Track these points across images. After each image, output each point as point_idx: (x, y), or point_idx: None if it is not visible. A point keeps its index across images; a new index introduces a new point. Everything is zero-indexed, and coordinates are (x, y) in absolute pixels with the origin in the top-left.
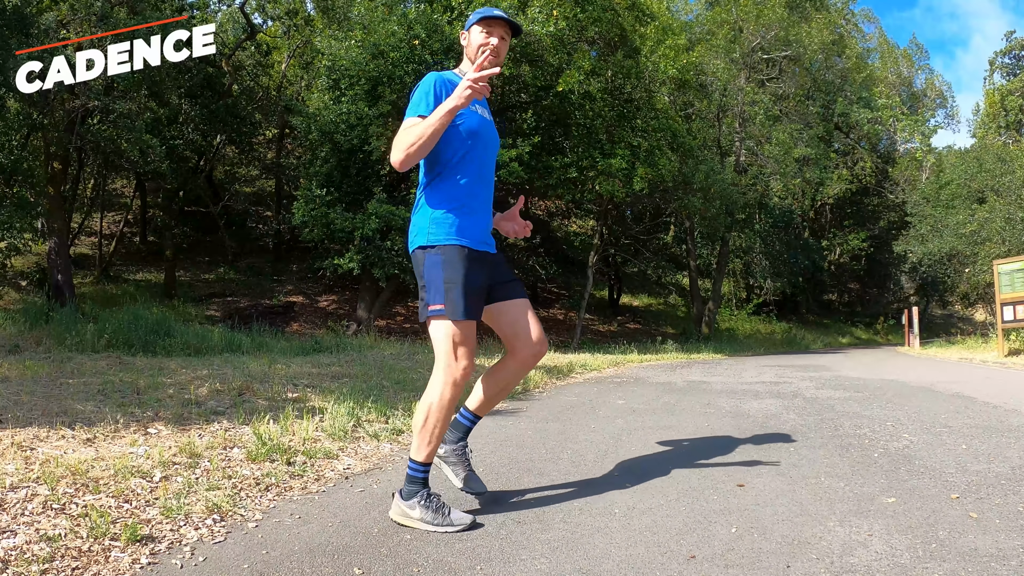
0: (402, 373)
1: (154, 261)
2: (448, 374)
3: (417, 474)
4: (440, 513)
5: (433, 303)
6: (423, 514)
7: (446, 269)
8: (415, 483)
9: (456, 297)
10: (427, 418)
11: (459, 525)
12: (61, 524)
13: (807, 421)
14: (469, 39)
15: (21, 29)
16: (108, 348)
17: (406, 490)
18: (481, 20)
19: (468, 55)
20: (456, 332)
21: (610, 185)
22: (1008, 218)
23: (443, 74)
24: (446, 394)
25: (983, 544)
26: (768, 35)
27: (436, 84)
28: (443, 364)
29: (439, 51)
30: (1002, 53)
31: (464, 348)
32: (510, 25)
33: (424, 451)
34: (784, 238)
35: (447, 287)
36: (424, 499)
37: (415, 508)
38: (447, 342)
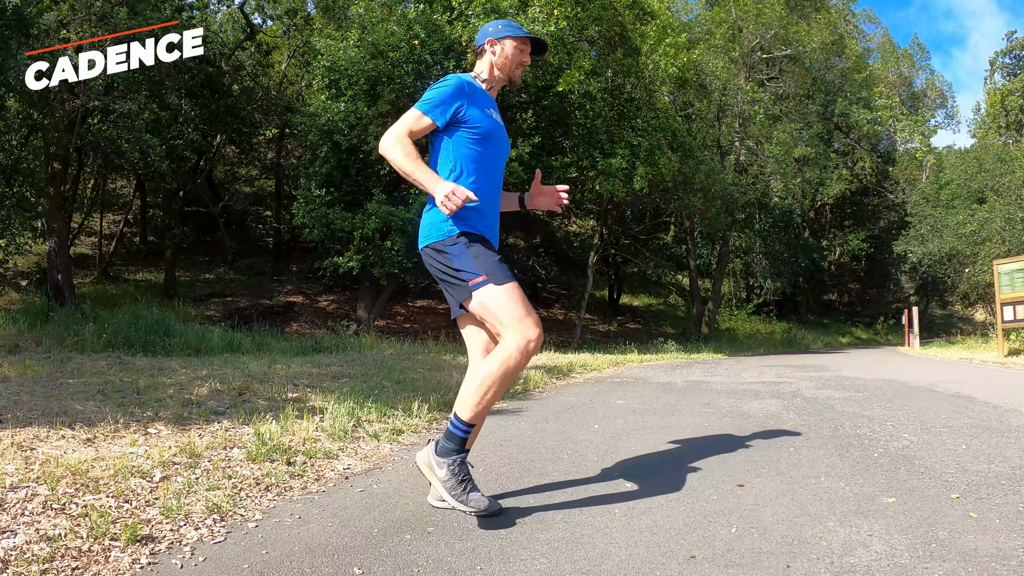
0: (402, 373)
1: (154, 261)
2: (519, 335)
3: (458, 432)
4: (462, 486)
5: (472, 277)
6: (447, 477)
7: (472, 248)
8: (453, 440)
9: (491, 265)
10: (486, 379)
11: (473, 507)
12: (61, 524)
13: (807, 421)
14: (504, 52)
15: (21, 29)
16: (108, 348)
17: (442, 446)
18: (521, 39)
19: (496, 64)
20: (510, 295)
21: (610, 185)
22: (1008, 218)
23: (469, 77)
24: (513, 360)
25: (983, 544)
26: (768, 35)
27: (461, 90)
28: (512, 325)
29: (439, 51)
30: (1003, 53)
31: (530, 314)
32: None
33: (472, 411)
34: (784, 238)
35: (477, 260)
36: (456, 465)
37: (443, 468)
38: (507, 307)
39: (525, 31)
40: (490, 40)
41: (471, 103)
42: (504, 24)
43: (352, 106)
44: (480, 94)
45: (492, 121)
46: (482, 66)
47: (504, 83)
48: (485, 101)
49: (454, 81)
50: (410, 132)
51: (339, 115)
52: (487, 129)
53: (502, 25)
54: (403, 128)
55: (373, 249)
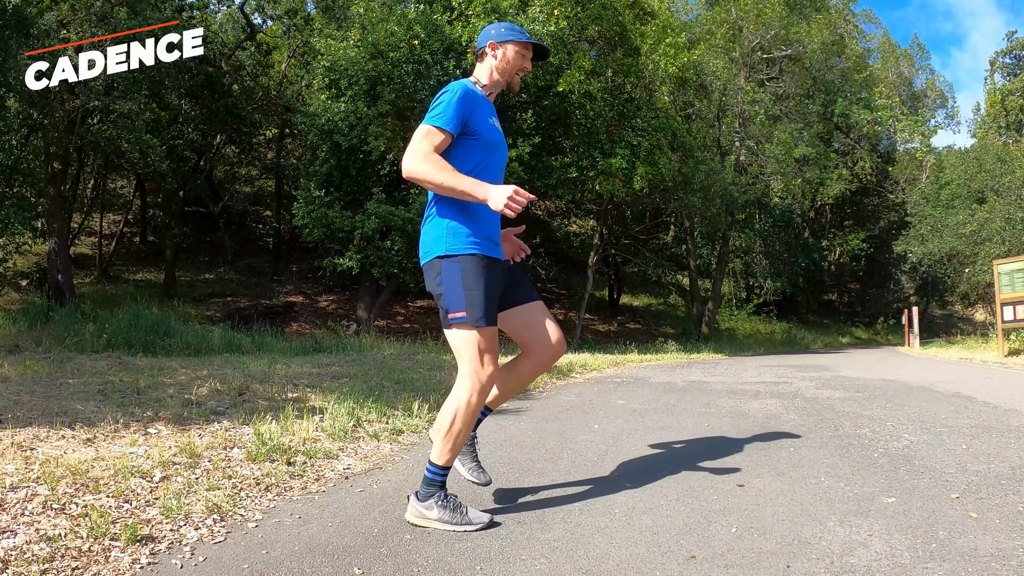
0: (402, 373)
1: (154, 261)
2: (474, 380)
3: (435, 477)
4: (458, 512)
5: (454, 311)
6: (441, 514)
7: (465, 277)
8: (432, 485)
9: (477, 303)
10: (452, 423)
11: (477, 524)
12: (61, 524)
13: (807, 421)
14: (505, 56)
15: (21, 30)
16: (108, 348)
17: (423, 492)
18: (524, 44)
19: (497, 68)
20: (480, 338)
21: (610, 185)
22: (1008, 218)
23: (472, 87)
24: (472, 400)
25: (983, 544)
26: (768, 35)
27: (468, 98)
28: (468, 370)
29: (439, 51)
30: (1003, 53)
31: (488, 354)
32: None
33: (445, 456)
34: (784, 238)
35: (467, 294)
36: (441, 499)
37: (432, 509)
38: (471, 348)
39: (528, 35)
40: (492, 43)
41: (477, 111)
42: (507, 27)
43: (352, 106)
44: (483, 102)
45: (495, 130)
46: (482, 71)
47: (502, 87)
48: (488, 109)
49: (460, 90)
50: (432, 147)
51: (339, 115)
52: (491, 139)
53: (504, 28)
54: (425, 146)
55: (373, 249)
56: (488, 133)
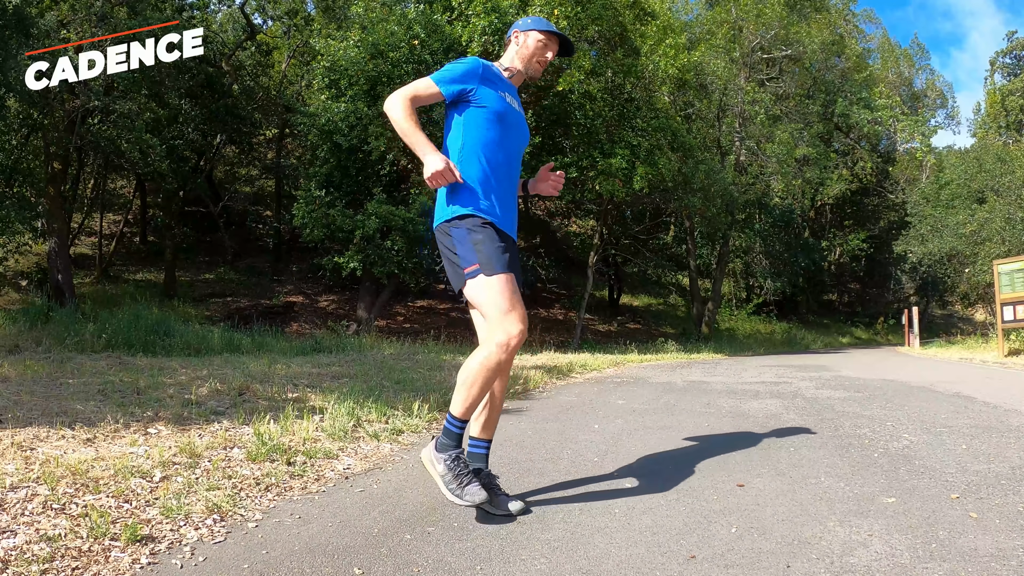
0: (402, 373)
1: (154, 261)
2: (500, 334)
3: (452, 427)
4: (459, 480)
5: (467, 265)
6: (444, 472)
7: (472, 233)
8: (450, 436)
9: (489, 253)
10: (468, 376)
11: (467, 500)
12: (61, 524)
13: (807, 421)
14: (526, 44)
15: (22, 29)
16: (108, 348)
17: (441, 441)
18: (546, 32)
19: (519, 55)
20: (498, 287)
21: (610, 185)
22: (1008, 218)
23: (488, 62)
24: (492, 357)
25: (983, 544)
26: (768, 35)
27: (476, 69)
28: (494, 324)
29: (439, 51)
30: (1003, 53)
31: (515, 313)
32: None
33: (461, 407)
34: (784, 238)
35: (476, 247)
36: (452, 459)
37: (441, 463)
38: (493, 299)
39: (553, 27)
40: (516, 32)
41: (484, 83)
42: (533, 19)
43: (352, 106)
44: (498, 78)
45: (506, 104)
46: (507, 57)
47: (524, 76)
48: (502, 85)
49: (471, 60)
50: (415, 95)
51: (339, 115)
52: (499, 110)
53: (531, 20)
54: (410, 90)
55: (373, 249)
56: (497, 104)
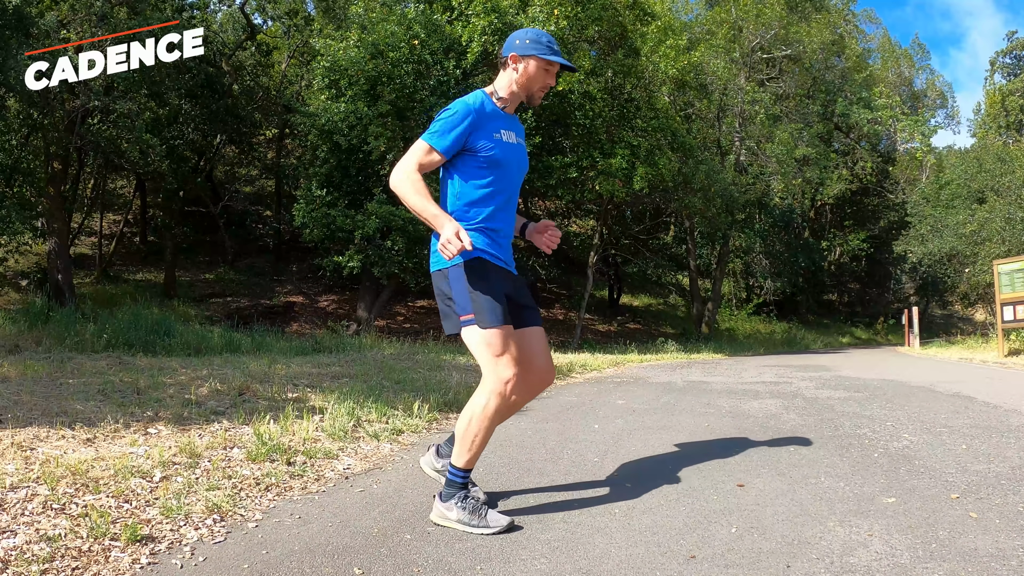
0: (402, 373)
1: (154, 261)
2: (494, 383)
3: (456, 479)
4: (477, 514)
5: (463, 313)
6: (460, 515)
7: (471, 278)
8: (453, 487)
9: (483, 305)
10: (468, 426)
11: (495, 526)
12: (61, 524)
13: (807, 421)
14: (527, 70)
15: (22, 29)
16: (108, 348)
17: (444, 492)
18: (545, 60)
19: (517, 82)
20: (492, 339)
21: (610, 185)
22: (1008, 218)
23: (478, 103)
24: (491, 404)
25: (983, 544)
26: (768, 35)
27: (467, 118)
28: (488, 371)
29: (439, 51)
30: (1003, 53)
31: (507, 356)
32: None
33: (464, 458)
34: (784, 238)
35: (472, 296)
36: (461, 500)
37: (452, 510)
38: (486, 350)
39: (554, 50)
40: (513, 56)
41: (478, 130)
42: (532, 40)
43: (352, 106)
44: (491, 117)
45: (502, 144)
46: (501, 81)
47: (521, 100)
48: (496, 123)
49: (461, 108)
50: (419, 166)
51: (339, 115)
52: (495, 156)
53: (530, 40)
54: (412, 163)
55: (373, 249)
56: (493, 149)
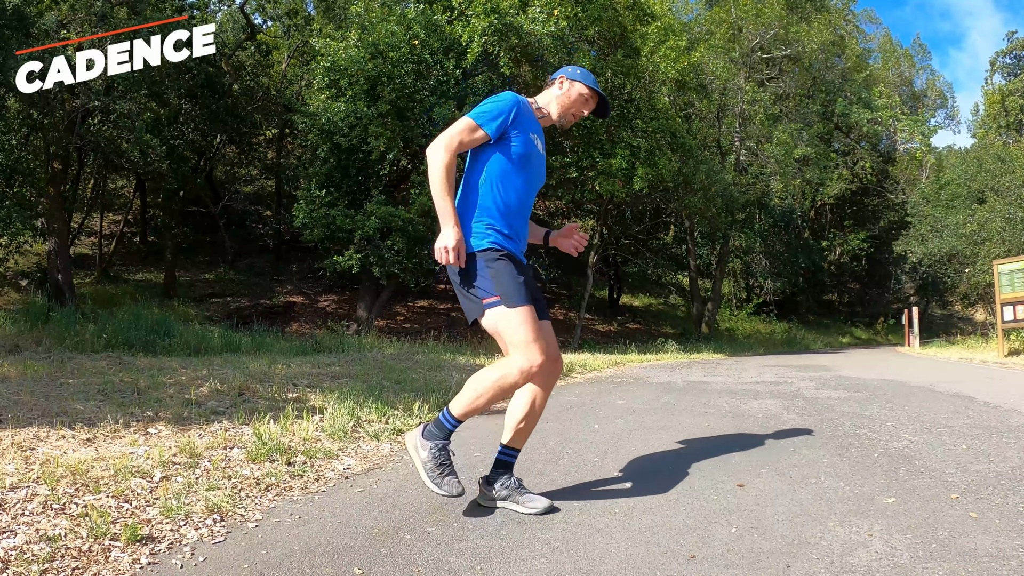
0: (402, 373)
1: (154, 261)
2: (523, 360)
3: (446, 423)
4: (440, 470)
5: (487, 297)
6: (428, 458)
7: (491, 265)
8: (441, 429)
9: (509, 285)
10: (481, 386)
11: (445, 490)
12: (61, 524)
13: (807, 421)
14: (569, 93)
15: (21, 29)
16: (108, 348)
17: (429, 430)
18: (591, 90)
19: (558, 101)
20: (522, 318)
21: (610, 185)
22: (1008, 218)
23: (524, 101)
24: (510, 378)
25: (983, 544)
26: (768, 35)
27: (514, 108)
28: (518, 351)
29: (439, 51)
30: (1003, 53)
31: (539, 342)
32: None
33: (463, 409)
34: (784, 238)
35: (496, 280)
36: (439, 449)
37: (425, 449)
38: (517, 331)
39: (598, 87)
40: (562, 78)
41: (519, 123)
42: (583, 72)
43: (352, 106)
44: (531, 118)
45: (533, 147)
46: (545, 97)
47: (552, 122)
48: (533, 126)
49: (511, 98)
50: (461, 143)
51: (339, 115)
52: (527, 152)
53: (580, 72)
54: (455, 137)
55: (373, 249)
56: (526, 146)
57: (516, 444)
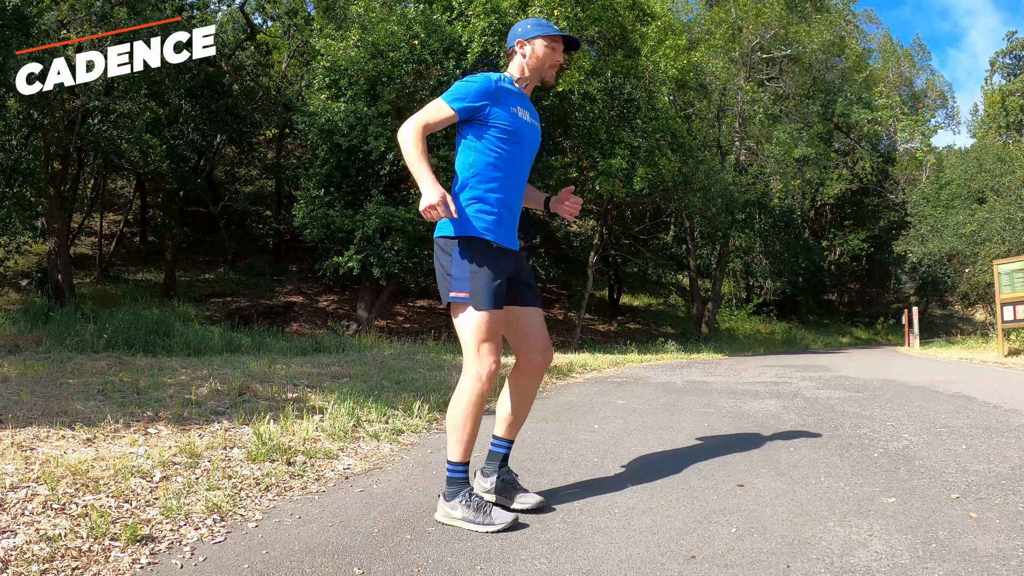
0: (402, 373)
1: (154, 261)
2: (475, 368)
3: (456, 475)
4: (481, 512)
5: (457, 290)
6: (465, 513)
7: (473, 259)
8: (455, 484)
9: (481, 287)
10: (457, 418)
11: (500, 524)
12: (61, 524)
13: (807, 421)
14: (534, 52)
15: (21, 29)
16: (108, 348)
17: (448, 491)
18: (549, 36)
19: (528, 65)
20: (482, 322)
21: (610, 185)
22: (1008, 218)
23: (497, 76)
24: (473, 390)
25: (983, 544)
26: (768, 35)
27: (485, 87)
28: (470, 359)
29: (439, 51)
30: (1003, 53)
31: (490, 343)
32: (568, 45)
33: (458, 451)
34: (784, 238)
35: (473, 276)
36: (466, 498)
37: (457, 508)
38: (473, 334)
39: (556, 29)
40: (519, 41)
41: (497, 102)
42: (533, 23)
43: (352, 106)
44: (509, 93)
45: (518, 120)
46: (514, 67)
47: (536, 82)
48: (514, 99)
49: (482, 79)
50: (427, 123)
51: (339, 115)
52: (513, 128)
53: (531, 24)
54: (422, 117)
55: (373, 249)
56: (510, 122)
57: (509, 436)
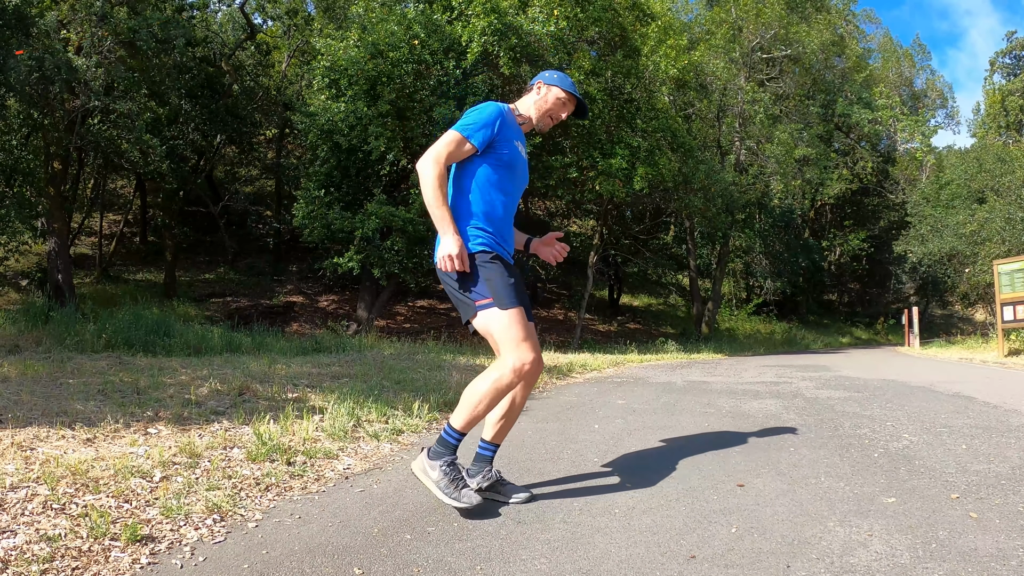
0: (402, 373)
1: (154, 261)
2: (514, 361)
3: (450, 439)
4: (455, 484)
5: (480, 298)
6: (439, 478)
7: (484, 268)
8: (445, 446)
9: (501, 288)
10: (477, 394)
11: (465, 503)
12: (61, 524)
13: (807, 421)
14: (546, 97)
15: (21, 29)
16: (108, 348)
17: (434, 450)
18: (566, 91)
19: (536, 105)
20: (513, 320)
21: (610, 185)
22: (1008, 218)
23: (505, 109)
24: (504, 379)
25: (983, 544)
26: (768, 35)
27: (498, 119)
28: (509, 351)
29: (439, 51)
30: (1003, 53)
31: (529, 341)
32: (578, 111)
33: (464, 421)
34: (784, 238)
35: (488, 283)
36: (447, 465)
37: (436, 469)
38: (507, 332)
39: (576, 91)
40: (540, 83)
41: (503, 131)
42: (560, 76)
43: (352, 106)
44: (513, 125)
45: (517, 152)
46: (524, 103)
47: (533, 125)
48: (516, 132)
49: (495, 108)
50: (449, 155)
51: (339, 115)
52: (511, 159)
53: (558, 76)
54: (443, 151)
55: (373, 249)
56: (510, 155)
57: (497, 440)
